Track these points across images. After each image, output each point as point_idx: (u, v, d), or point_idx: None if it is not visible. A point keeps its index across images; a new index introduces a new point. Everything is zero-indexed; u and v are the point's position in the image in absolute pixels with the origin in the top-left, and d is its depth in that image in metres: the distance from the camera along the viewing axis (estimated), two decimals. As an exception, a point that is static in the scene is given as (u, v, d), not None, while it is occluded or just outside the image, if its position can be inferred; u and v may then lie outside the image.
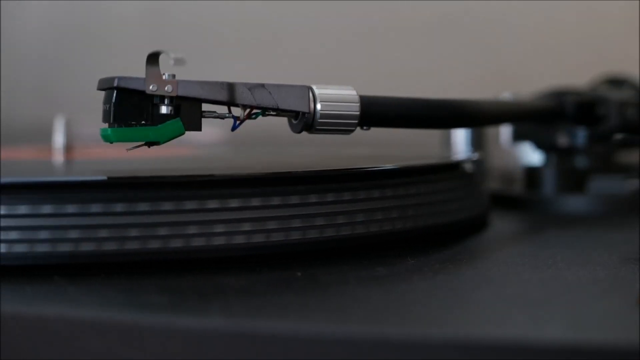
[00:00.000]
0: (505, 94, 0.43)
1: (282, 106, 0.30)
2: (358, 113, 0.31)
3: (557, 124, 0.43)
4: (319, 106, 0.31)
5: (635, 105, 0.42)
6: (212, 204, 0.28)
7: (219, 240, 0.28)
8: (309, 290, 0.26)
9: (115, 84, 0.29)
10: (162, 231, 0.28)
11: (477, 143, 0.45)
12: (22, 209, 0.27)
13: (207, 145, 0.62)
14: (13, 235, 0.27)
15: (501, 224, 0.39)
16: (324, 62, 0.75)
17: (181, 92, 0.29)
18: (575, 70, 0.50)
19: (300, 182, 0.30)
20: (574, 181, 0.43)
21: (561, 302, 0.25)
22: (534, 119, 0.42)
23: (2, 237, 0.27)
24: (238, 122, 0.30)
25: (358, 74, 0.74)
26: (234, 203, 0.29)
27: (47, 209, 0.27)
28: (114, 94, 0.29)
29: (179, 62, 0.29)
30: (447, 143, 0.46)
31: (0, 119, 0.80)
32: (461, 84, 0.70)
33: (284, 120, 0.32)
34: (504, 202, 0.43)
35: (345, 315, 0.24)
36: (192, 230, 0.28)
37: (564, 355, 0.20)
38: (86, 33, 0.87)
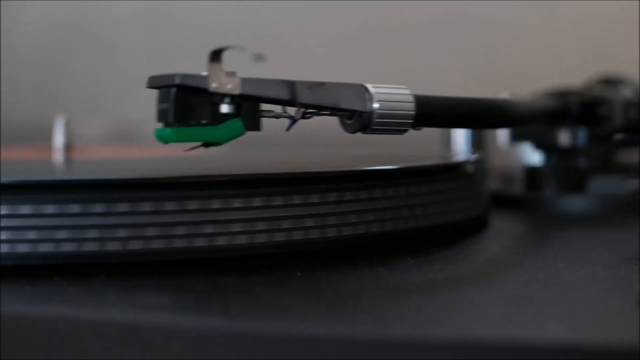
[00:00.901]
0: (503, 94, 0.43)
1: (342, 105, 0.29)
2: (413, 113, 0.30)
3: (560, 124, 0.43)
4: (376, 105, 0.29)
5: (638, 105, 0.42)
6: (214, 204, 0.28)
7: (220, 241, 0.28)
8: (309, 290, 0.26)
9: (176, 82, 0.28)
10: (164, 232, 0.28)
11: (477, 143, 0.45)
12: (23, 209, 0.27)
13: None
14: (13, 235, 0.27)
15: (501, 224, 0.39)
16: (324, 62, 0.75)
17: (244, 91, 0.28)
18: (575, 70, 0.50)
19: (302, 182, 0.30)
20: (574, 181, 0.43)
21: (561, 302, 0.25)
22: (544, 119, 0.42)
23: (2, 237, 0.27)
24: (293, 122, 0.29)
25: (358, 73, 0.74)
26: (235, 203, 0.29)
27: (49, 209, 0.27)
28: (174, 92, 0.28)
29: (258, 58, 0.28)
30: (448, 143, 0.46)
31: (0, 119, 0.79)
32: (461, 84, 0.70)
33: (282, 120, 0.31)
34: (504, 202, 0.43)
35: (345, 315, 0.24)
36: (192, 230, 0.28)
37: (564, 355, 0.20)
38: (86, 33, 0.87)
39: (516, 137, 0.44)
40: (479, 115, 0.33)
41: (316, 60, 0.76)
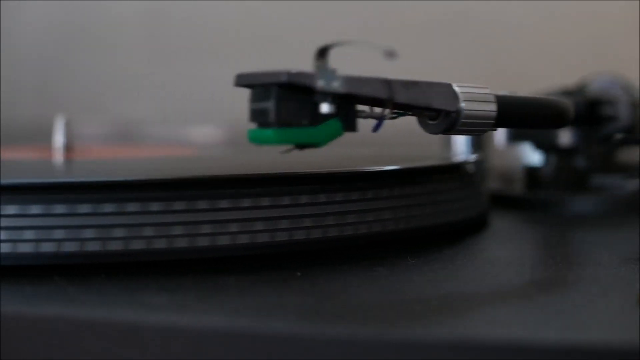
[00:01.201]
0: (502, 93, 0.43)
1: (433, 105, 0.28)
2: (495, 113, 0.29)
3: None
4: (463, 105, 0.28)
5: None
6: (213, 204, 0.28)
7: (220, 241, 0.28)
8: (309, 290, 0.26)
9: (283, 79, 0.26)
10: (165, 232, 0.28)
11: (477, 143, 0.45)
12: (23, 209, 0.27)
13: (207, 145, 0.62)
14: (13, 235, 0.27)
15: (501, 224, 0.39)
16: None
17: (348, 89, 0.27)
18: (575, 70, 0.50)
19: (301, 182, 0.30)
20: (574, 181, 0.43)
21: (561, 302, 0.25)
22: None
23: (2, 237, 0.27)
24: (381, 122, 0.28)
25: (356, 73, 0.74)
26: (235, 203, 0.29)
27: (49, 209, 0.27)
28: (277, 91, 0.26)
29: (390, 55, 0.26)
30: (448, 143, 0.46)
31: (0, 119, 0.80)
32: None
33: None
34: (504, 202, 0.43)
35: (345, 315, 0.24)
36: (192, 230, 0.28)
37: (564, 355, 0.20)
38: (86, 33, 0.87)
39: (515, 137, 0.44)
40: (547, 114, 0.31)
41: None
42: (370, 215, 0.31)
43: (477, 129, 0.29)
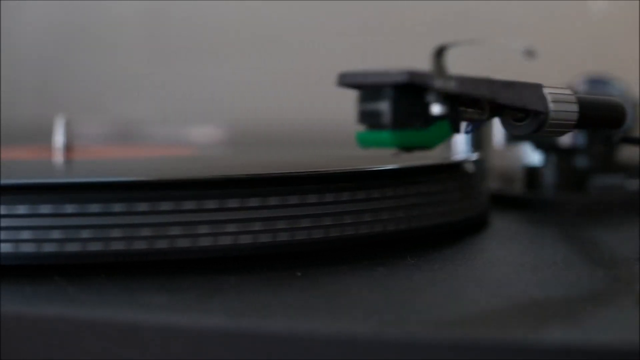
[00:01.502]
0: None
1: (529, 106, 0.27)
2: (577, 113, 0.28)
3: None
4: (551, 106, 0.28)
5: None
6: (213, 204, 0.28)
7: (220, 241, 0.28)
8: (309, 290, 0.26)
9: (403, 79, 0.25)
10: (164, 232, 0.28)
11: (476, 143, 0.45)
12: (23, 209, 0.27)
13: (207, 145, 0.62)
14: (13, 235, 0.27)
15: (501, 224, 0.39)
16: (323, 62, 0.75)
17: (461, 89, 0.26)
18: (575, 70, 0.50)
19: (301, 182, 0.30)
20: (574, 181, 0.43)
21: (561, 302, 0.25)
22: None
23: (3, 237, 0.27)
24: (479, 124, 0.27)
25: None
26: (235, 204, 0.29)
27: (48, 209, 0.27)
28: (393, 91, 0.25)
29: (529, 54, 0.26)
30: (447, 143, 0.46)
31: (0, 119, 0.80)
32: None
33: (282, 120, 0.31)
34: (504, 202, 0.43)
35: (345, 315, 0.24)
36: (192, 230, 0.28)
37: (564, 355, 0.20)
38: (86, 33, 0.87)
39: (515, 137, 0.44)
40: (613, 115, 0.31)
41: (315, 60, 0.76)
42: (370, 215, 0.31)
43: (561, 130, 0.28)
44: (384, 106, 0.25)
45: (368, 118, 0.26)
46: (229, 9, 0.81)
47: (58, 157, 0.44)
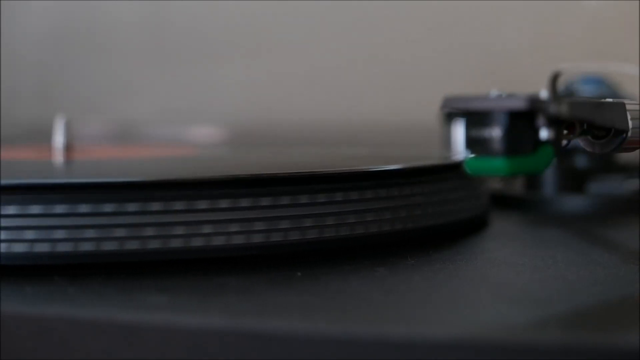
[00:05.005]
0: (494, 91, 0.43)
1: (616, 125, 0.27)
2: None
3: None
4: (631, 123, 0.27)
5: None
6: (213, 204, 0.28)
7: (220, 241, 0.28)
8: (309, 290, 0.26)
9: (519, 106, 0.25)
10: (164, 232, 0.28)
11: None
12: (22, 210, 0.27)
13: (207, 145, 0.62)
14: (13, 235, 0.27)
15: (501, 224, 0.39)
16: (323, 62, 0.75)
17: (572, 113, 0.26)
18: (573, 70, 0.50)
19: (301, 182, 0.30)
20: (574, 181, 0.43)
21: (561, 302, 0.25)
22: None
23: (3, 237, 0.27)
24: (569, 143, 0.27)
25: (353, 73, 0.74)
26: (234, 203, 0.29)
27: (48, 209, 0.27)
28: (504, 118, 0.25)
29: None
30: (447, 143, 0.46)
31: (0, 119, 0.80)
32: (459, 84, 0.70)
33: (282, 120, 0.31)
34: (504, 202, 0.43)
35: (345, 315, 0.24)
36: (192, 230, 0.28)
37: (564, 355, 0.20)
38: (86, 34, 0.87)
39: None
40: None
41: (315, 60, 0.76)
42: (370, 216, 0.31)
43: (633, 147, 0.28)
44: (496, 133, 0.25)
45: (478, 145, 0.25)
46: (229, 10, 0.81)
47: (58, 157, 0.44)
